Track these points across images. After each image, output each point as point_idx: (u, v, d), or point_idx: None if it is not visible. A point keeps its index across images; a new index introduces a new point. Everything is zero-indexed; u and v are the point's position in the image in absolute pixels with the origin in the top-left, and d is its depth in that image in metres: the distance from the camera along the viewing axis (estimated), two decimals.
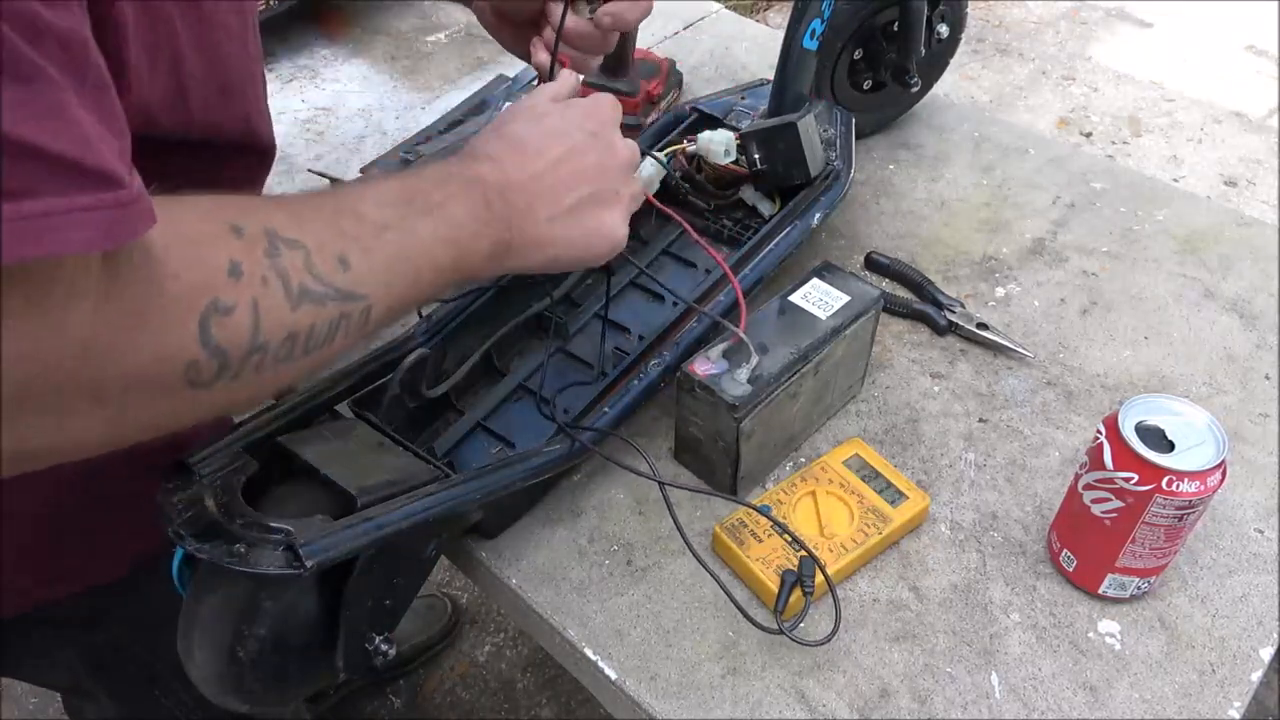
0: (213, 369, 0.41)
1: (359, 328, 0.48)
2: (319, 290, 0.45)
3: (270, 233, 0.43)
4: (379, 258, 0.49)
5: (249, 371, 0.42)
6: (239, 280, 0.41)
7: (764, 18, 3.27)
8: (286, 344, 0.44)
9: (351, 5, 1.39)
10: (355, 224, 0.48)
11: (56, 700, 1.56)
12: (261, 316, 0.42)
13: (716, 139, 0.87)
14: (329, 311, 0.46)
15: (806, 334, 0.72)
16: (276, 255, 0.43)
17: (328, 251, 0.46)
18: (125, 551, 0.69)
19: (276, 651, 0.56)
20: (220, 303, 0.40)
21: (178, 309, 0.39)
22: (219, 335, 0.40)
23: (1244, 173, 2.66)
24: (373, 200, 0.50)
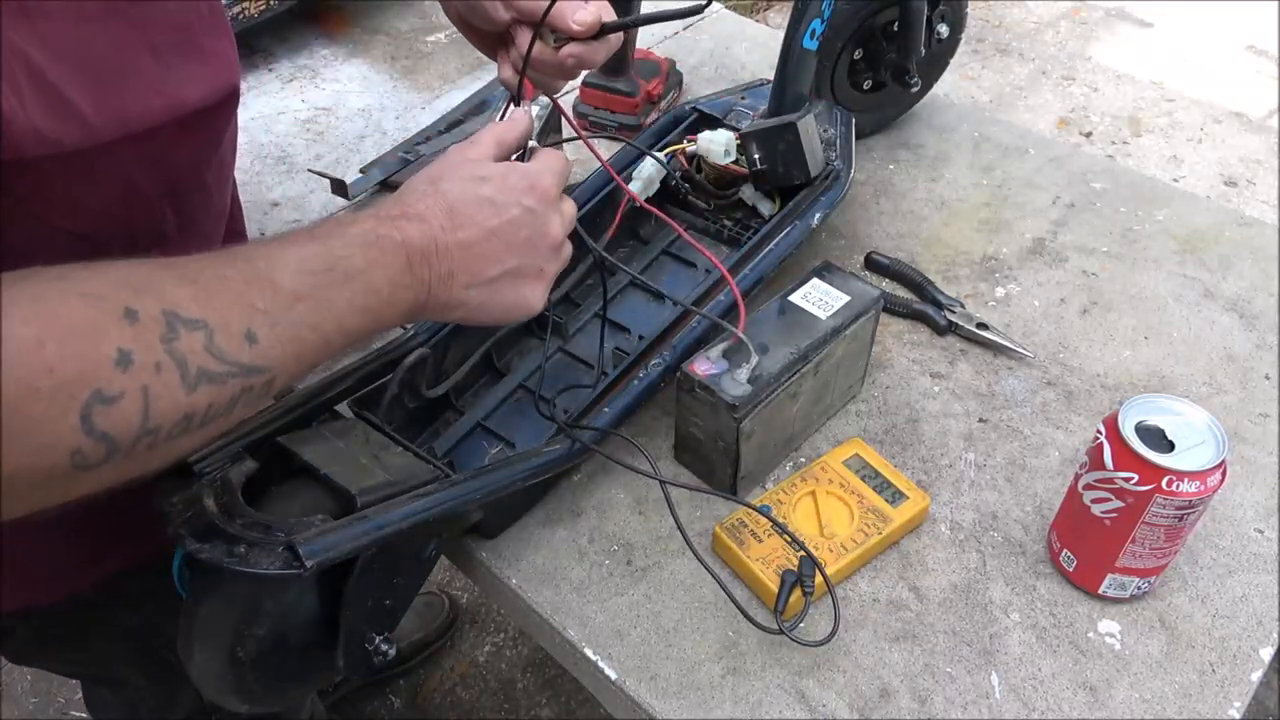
0: (100, 453, 0.40)
1: (260, 397, 0.48)
2: (219, 370, 0.44)
3: (169, 314, 0.43)
4: (288, 331, 0.48)
5: (140, 451, 0.42)
6: (128, 369, 0.40)
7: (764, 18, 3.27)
8: (181, 424, 0.43)
9: (351, 5, 1.39)
10: (268, 296, 0.48)
11: (57, 700, 1.56)
12: (152, 403, 0.41)
13: (716, 139, 0.87)
14: (230, 388, 0.45)
15: (806, 334, 0.72)
16: (174, 340, 0.42)
17: (233, 329, 0.45)
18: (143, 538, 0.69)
19: (276, 651, 0.56)
20: (104, 393, 0.39)
21: (55, 403, 0.38)
22: (103, 424, 0.40)
23: (1244, 173, 2.66)
24: (292, 267, 0.49)
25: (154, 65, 0.53)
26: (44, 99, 0.46)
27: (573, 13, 0.67)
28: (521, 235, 0.59)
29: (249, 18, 1.24)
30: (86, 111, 0.48)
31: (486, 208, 0.59)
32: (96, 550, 0.67)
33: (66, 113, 0.47)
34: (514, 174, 0.61)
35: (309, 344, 0.50)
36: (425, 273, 0.56)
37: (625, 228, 0.90)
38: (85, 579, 0.68)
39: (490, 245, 0.58)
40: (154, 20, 0.53)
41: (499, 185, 0.60)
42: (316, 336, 0.50)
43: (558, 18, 0.67)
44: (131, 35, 0.52)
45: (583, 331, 0.84)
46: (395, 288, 0.54)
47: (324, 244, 0.52)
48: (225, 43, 0.61)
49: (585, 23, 0.67)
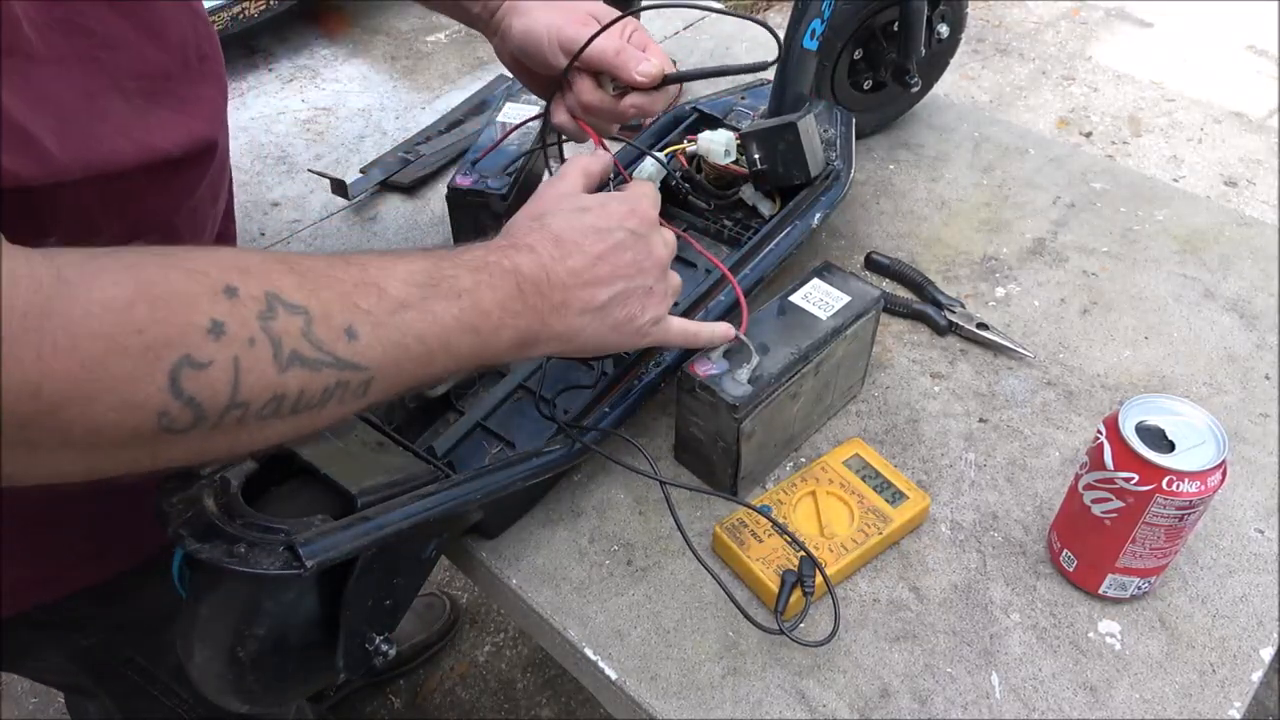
0: (188, 418, 0.41)
1: (356, 398, 0.48)
2: (314, 356, 0.45)
3: (271, 295, 0.44)
4: (391, 334, 0.48)
5: (230, 424, 0.43)
6: (220, 339, 0.41)
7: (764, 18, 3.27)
8: (272, 404, 0.44)
9: (351, 5, 1.39)
10: (374, 298, 0.48)
11: (57, 700, 1.56)
12: (243, 375, 0.42)
13: (716, 139, 0.87)
14: (323, 378, 0.45)
15: (807, 334, 0.72)
16: (271, 319, 0.43)
17: (334, 321, 0.46)
18: (111, 557, 0.69)
19: (276, 651, 0.56)
20: (194, 358, 0.40)
21: (143, 362, 0.39)
22: (191, 388, 0.40)
23: (1244, 173, 2.66)
24: (400, 277, 0.50)
25: (125, 110, 0.53)
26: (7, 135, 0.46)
27: (636, 64, 0.69)
28: (627, 258, 0.60)
29: (249, 18, 1.24)
30: (51, 149, 0.48)
31: (591, 235, 0.60)
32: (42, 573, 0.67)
33: (29, 149, 0.47)
34: (613, 201, 0.62)
35: (412, 353, 0.50)
36: (538, 301, 0.56)
37: None
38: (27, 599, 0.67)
39: (599, 270, 0.59)
40: (128, 68, 0.53)
41: (600, 213, 0.61)
42: (421, 347, 0.50)
43: (622, 69, 0.69)
44: (103, 80, 0.52)
45: None
46: (505, 313, 0.54)
47: (434, 262, 0.52)
48: (212, 92, 0.61)
49: (649, 74, 0.69)
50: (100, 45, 0.51)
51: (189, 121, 0.58)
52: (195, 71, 0.58)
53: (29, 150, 0.47)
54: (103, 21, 0.51)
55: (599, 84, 0.72)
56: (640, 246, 0.61)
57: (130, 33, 0.53)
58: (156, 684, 0.80)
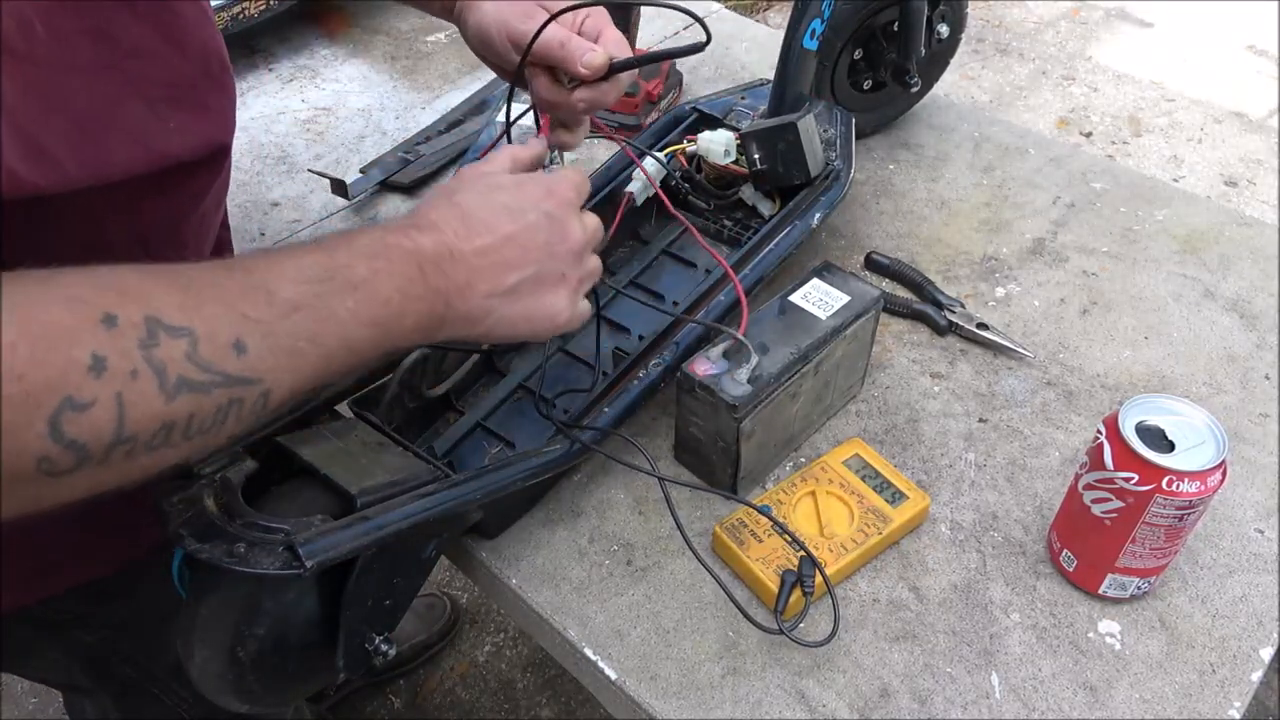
0: (70, 461, 0.39)
1: (255, 412, 0.46)
2: (202, 379, 0.43)
3: (151, 320, 0.41)
4: (283, 341, 0.46)
5: (118, 460, 0.41)
6: (100, 376, 0.39)
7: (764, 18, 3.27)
8: (161, 433, 0.42)
9: (351, 5, 1.39)
10: (262, 305, 0.46)
11: (57, 700, 1.56)
12: (127, 410, 0.40)
13: (716, 139, 0.87)
14: (215, 399, 0.43)
15: (806, 334, 0.72)
16: (153, 346, 0.41)
17: (220, 338, 0.44)
18: (113, 552, 0.69)
19: (276, 651, 0.56)
20: (75, 400, 0.38)
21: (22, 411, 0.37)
22: (73, 431, 0.39)
23: (1244, 173, 2.66)
24: (290, 275, 0.48)
25: (146, 117, 0.53)
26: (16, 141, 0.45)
27: (581, 55, 0.66)
28: (539, 239, 0.58)
29: (249, 18, 1.24)
30: (63, 158, 0.48)
31: (502, 214, 0.57)
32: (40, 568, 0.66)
33: (41, 157, 0.47)
34: (530, 182, 0.60)
35: (308, 356, 0.48)
36: (441, 282, 0.54)
37: (625, 227, 0.90)
38: (26, 595, 0.67)
39: (508, 251, 0.57)
40: (154, 76, 0.53)
41: (515, 193, 0.59)
42: (316, 349, 0.48)
43: (567, 61, 0.67)
44: (126, 88, 0.51)
45: (583, 332, 0.84)
46: (406, 298, 0.52)
47: (327, 254, 0.50)
48: (225, 100, 0.60)
49: (592, 66, 0.66)
50: (127, 54, 0.51)
51: (207, 128, 0.58)
52: (216, 80, 0.58)
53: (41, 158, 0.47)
54: (129, 30, 0.51)
55: (555, 78, 0.70)
56: (555, 229, 0.59)
57: (155, 41, 0.52)
58: (155, 682, 0.80)
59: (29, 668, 0.82)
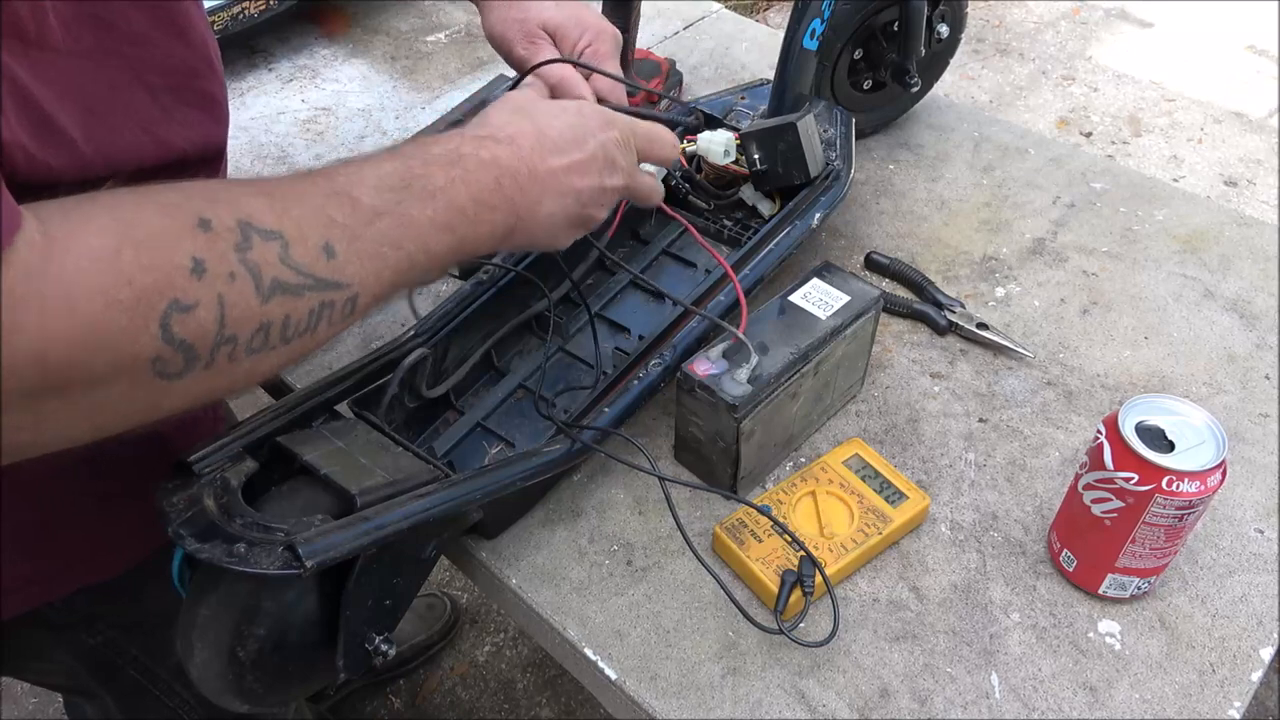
0: (179, 362, 0.41)
1: (344, 316, 0.48)
2: (295, 281, 0.44)
3: (243, 224, 0.43)
4: (368, 246, 0.48)
5: (221, 362, 0.42)
6: (202, 278, 0.41)
7: (764, 18, 3.27)
8: (259, 335, 0.43)
9: (351, 5, 1.39)
10: (347, 210, 0.47)
11: (56, 700, 1.56)
12: (227, 311, 0.42)
13: (716, 139, 0.87)
14: (307, 301, 0.45)
15: (806, 334, 0.72)
16: (247, 249, 0.42)
17: (310, 241, 0.45)
18: (122, 553, 0.69)
19: (276, 651, 0.56)
20: (181, 302, 0.40)
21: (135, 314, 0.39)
22: (181, 331, 0.40)
23: (1244, 173, 2.66)
24: (371, 183, 0.49)
25: (149, 105, 0.54)
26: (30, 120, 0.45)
27: None
28: (597, 167, 0.61)
29: (249, 18, 1.24)
30: (77, 139, 0.48)
31: (571, 138, 0.60)
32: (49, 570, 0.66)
33: (56, 138, 0.47)
34: (591, 110, 0.63)
35: (391, 261, 0.49)
36: (516, 194, 0.56)
37: (625, 227, 0.90)
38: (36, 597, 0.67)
39: (575, 176, 0.59)
40: (155, 64, 0.54)
41: (580, 119, 0.61)
42: (399, 254, 0.49)
43: None
44: (127, 75, 0.52)
45: (583, 331, 0.84)
46: (482, 207, 0.54)
47: (404, 161, 0.51)
48: (222, 94, 0.61)
49: None
50: (126, 41, 0.51)
51: (207, 121, 0.59)
52: (213, 73, 0.59)
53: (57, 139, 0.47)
54: (128, 18, 0.51)
55: None
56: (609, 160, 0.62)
57: (155, 30, 0.53)
58: (158, 683, 0.80)
59: (30, 671, 0.82)
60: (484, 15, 0.76)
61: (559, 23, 0.73)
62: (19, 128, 0.45)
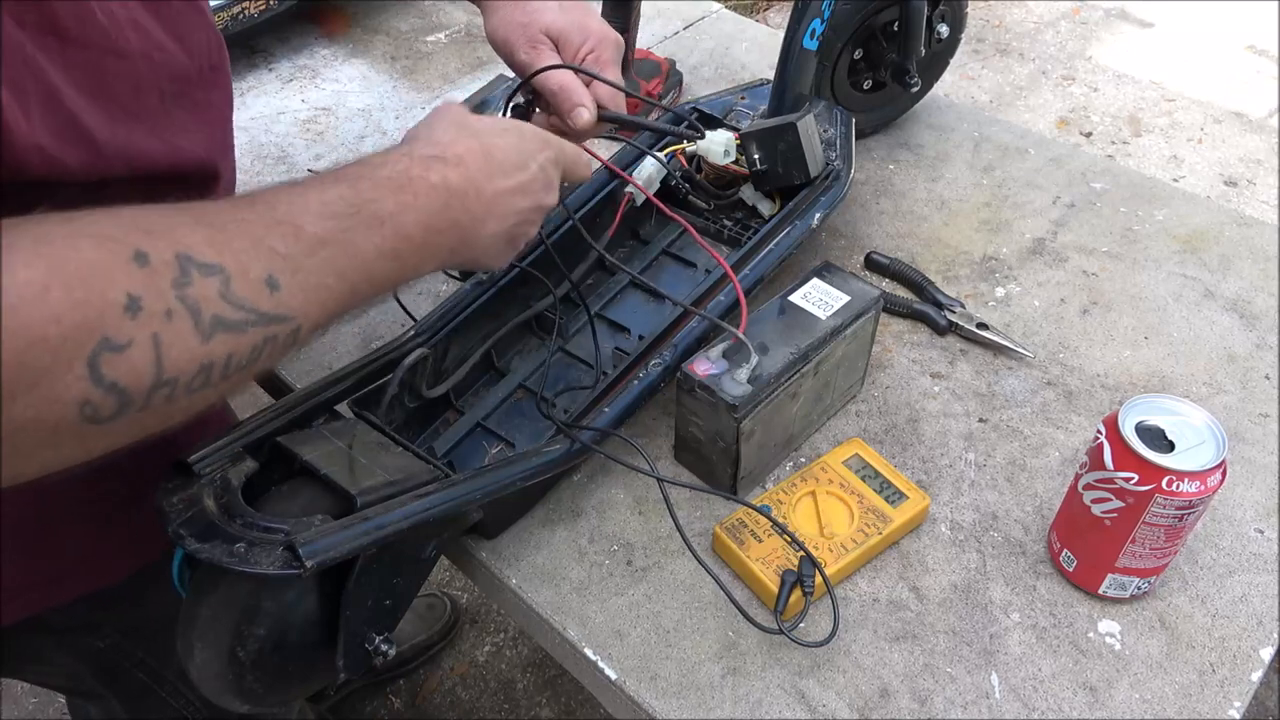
0: (111, 406, 0.38)
1: (286, 347, 0.46)
2: (237, 318, 0.42)
3: (182, 257, 0.40)
4: (311, 277, 0.46)
5: (159, 404, 0.40)
6: (136, 316, 0.38)
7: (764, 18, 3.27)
8: (200, 375, 0.41)
9: (351, 5, 1.39)
10: (290, 240, 0.45)
11: (56, 700, 1.56)
12: (165, 351, 0.39)
13: (716, 139, 0.87)
14: (250, 337, 0.43)
15: (806, 334, 0.72)
16: (186, 285, 0.40)
17: (252, 274, 0.43)
18: (125, 557, 0.69)
19: (276, 651, 0.56)
20: (112, 341, 0.37)
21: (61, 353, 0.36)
22: (112, 374, 0.38)
23: (1244, 173, 2.65)
24: (315, 210, 0.47)
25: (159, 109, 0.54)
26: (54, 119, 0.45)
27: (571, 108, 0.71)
28: (537, 188, 0.61)
29: (249, 18, 1.24)
30: (98, 139, 0.48)
31: (515, 159, 0.59)
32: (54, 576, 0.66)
33: (78, 137, 0.47)
34: (531, 131, 0.63)
35: (335, 292, 0.48)
36: (463, 217, 0.55)
37: (625, 227, 0.90)
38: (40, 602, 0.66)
39: (518, 197, 0.59)
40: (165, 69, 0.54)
41: (521, 140, 0.61)
42: (343, 284, 0.48)
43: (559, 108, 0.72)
44: (145, 80, 0.52)
45: (583, 331, 0.84)
46: (430, 232, 0.53)
47: (351, 186, 0.50)
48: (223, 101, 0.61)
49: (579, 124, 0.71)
50: (154, 46, 0.52)
51: (205, 127, 0.58)
52: (209, 80, 0.59)
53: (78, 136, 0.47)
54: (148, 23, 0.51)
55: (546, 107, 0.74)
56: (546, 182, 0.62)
57: (163, 35, 0.53)
58: (164, 685, 0.80)
59: (29, 672, 0.81)
60: (486, 17, 0.75)
61: (562, 28, 0.73)
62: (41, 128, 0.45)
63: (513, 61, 0.74)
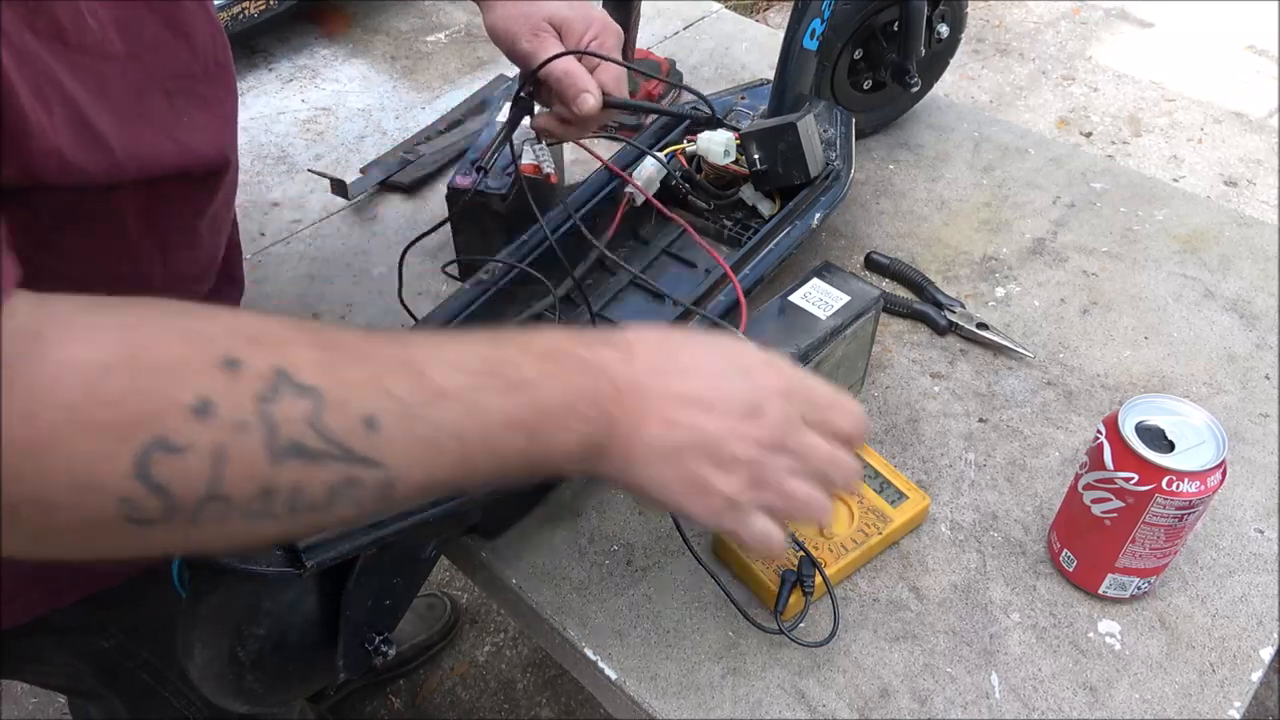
0: (155, 508, 0.36)
1: (375, 499, 0.42)
2: (316, 448, 0.39)
3: (280, 373, 0.38)
4: (421, 429, 0.41)
5: (209, 520, 0.38)
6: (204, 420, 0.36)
7: (764, 18, 3.27)
8: (260, 500, 0.38)
9: (351, 5, 1.39)
10: (408, 384, 0.42)
11: (56, 700, 1.56)
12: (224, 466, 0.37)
13: (716, 139, 0.87)
14: (326, 473, 0.39)
15: (806, 334, 0.72)
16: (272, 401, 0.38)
17: (351, 408, 0.40)
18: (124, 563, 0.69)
19: (276, 651, 0.56)
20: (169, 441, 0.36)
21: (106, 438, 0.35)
22: (160, 474, 0.36)
23: (1244, 173, 2.66)
24: (448, 361, 0.43)
25: (166, 109, 0.53)
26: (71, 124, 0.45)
27: (576, 94, 0.70)
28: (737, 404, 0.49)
29: (249, 18, 1.24)
30: (111, 143, 0.48)
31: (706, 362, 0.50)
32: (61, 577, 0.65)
33: (93, 141, 0.46)
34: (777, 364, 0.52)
35: (446, 454, 0.43)
36: (615, 408, 0.47)
37: (625, 227, 0.90)
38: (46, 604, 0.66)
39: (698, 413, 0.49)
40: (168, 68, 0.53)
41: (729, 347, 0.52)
42: (457, 447, 0.43)
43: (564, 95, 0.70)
44: (148, 81, 0.52)
45: None
46: (570, 413, 0.46)
47: (495, 346, 0.45)
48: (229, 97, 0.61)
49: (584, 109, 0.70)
50: (147, 46, 0.51)
51: (214, 123, 0.58)
52: (214, 76, 0.59)
53: (95, 143, 0.47)
54: (145, 23, 0.51)
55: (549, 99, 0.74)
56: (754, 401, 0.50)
57: (165, 33, 0.53)
58: (167, 685, 0.80)
59: (29, 673, 0.81)
60: (486, 11, 0.75)
61: (565, 16, 0.72)
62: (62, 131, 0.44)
63: (515, 51, 0.73)
